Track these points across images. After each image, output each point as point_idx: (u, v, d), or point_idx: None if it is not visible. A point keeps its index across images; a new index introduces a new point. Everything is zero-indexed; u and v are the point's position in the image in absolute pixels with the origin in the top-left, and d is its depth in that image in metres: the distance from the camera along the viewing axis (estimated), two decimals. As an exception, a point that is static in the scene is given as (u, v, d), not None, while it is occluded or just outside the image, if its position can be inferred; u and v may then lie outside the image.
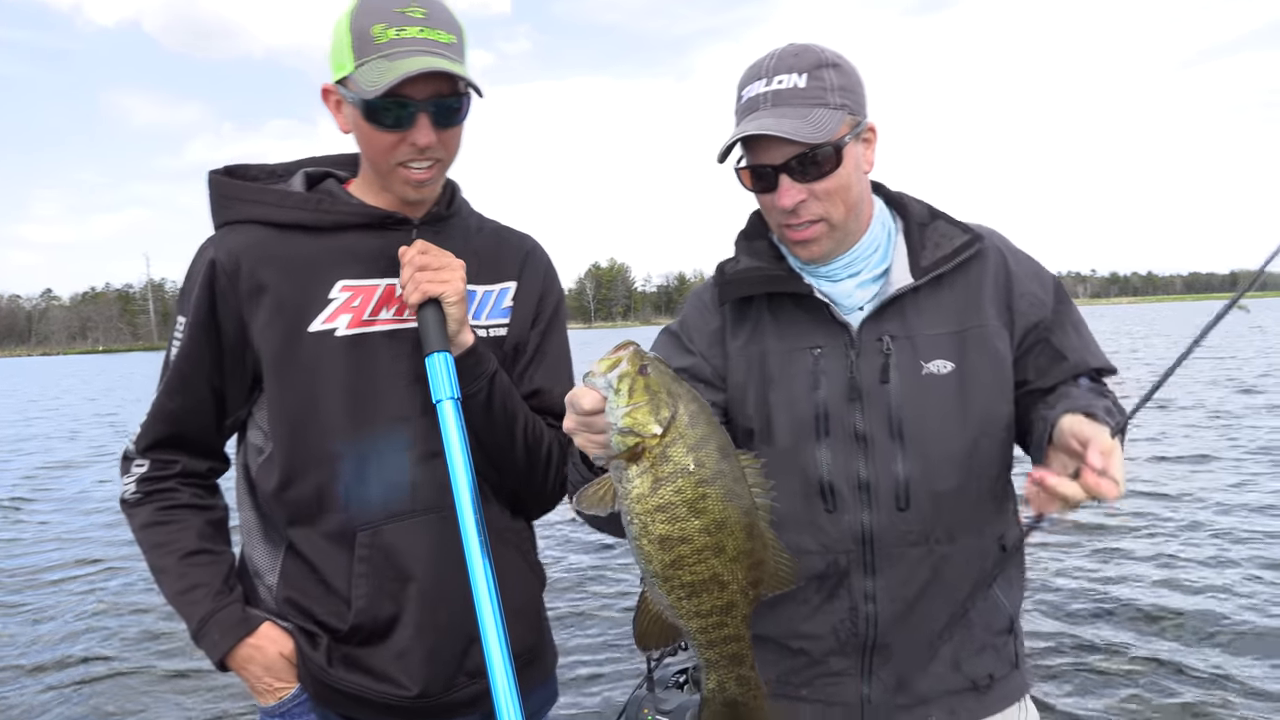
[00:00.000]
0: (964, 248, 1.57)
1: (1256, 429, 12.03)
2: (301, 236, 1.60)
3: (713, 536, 1.18)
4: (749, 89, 1.52)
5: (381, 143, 1.54)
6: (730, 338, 1.64)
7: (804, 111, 1.46)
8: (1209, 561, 6.33)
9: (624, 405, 1.14)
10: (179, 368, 1.62)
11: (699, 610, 1.22)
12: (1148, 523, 7.38)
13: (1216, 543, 6.77)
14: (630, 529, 1.19)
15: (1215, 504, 7.98)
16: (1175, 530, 7.17)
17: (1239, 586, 5.76)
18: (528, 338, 1.77)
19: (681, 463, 1.15)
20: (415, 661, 1.60)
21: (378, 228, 1.63)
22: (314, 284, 1.58)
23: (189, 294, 1.61)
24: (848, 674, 1.60)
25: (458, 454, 1.53)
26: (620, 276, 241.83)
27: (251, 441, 1.68)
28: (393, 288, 1.61)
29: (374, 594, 1.58)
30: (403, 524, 1.59)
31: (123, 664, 5.42)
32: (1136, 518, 7.53)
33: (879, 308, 1.56)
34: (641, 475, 1.16)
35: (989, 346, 1.55)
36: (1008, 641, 1.66)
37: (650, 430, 1.14)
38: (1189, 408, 14.20)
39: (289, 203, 1.61)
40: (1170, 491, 8.49)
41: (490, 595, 1.48)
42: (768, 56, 1.53)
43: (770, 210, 1.56)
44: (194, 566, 1.63)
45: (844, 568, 1.57)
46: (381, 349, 1.60)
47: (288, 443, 1.59)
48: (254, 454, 1.67)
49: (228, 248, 1.59)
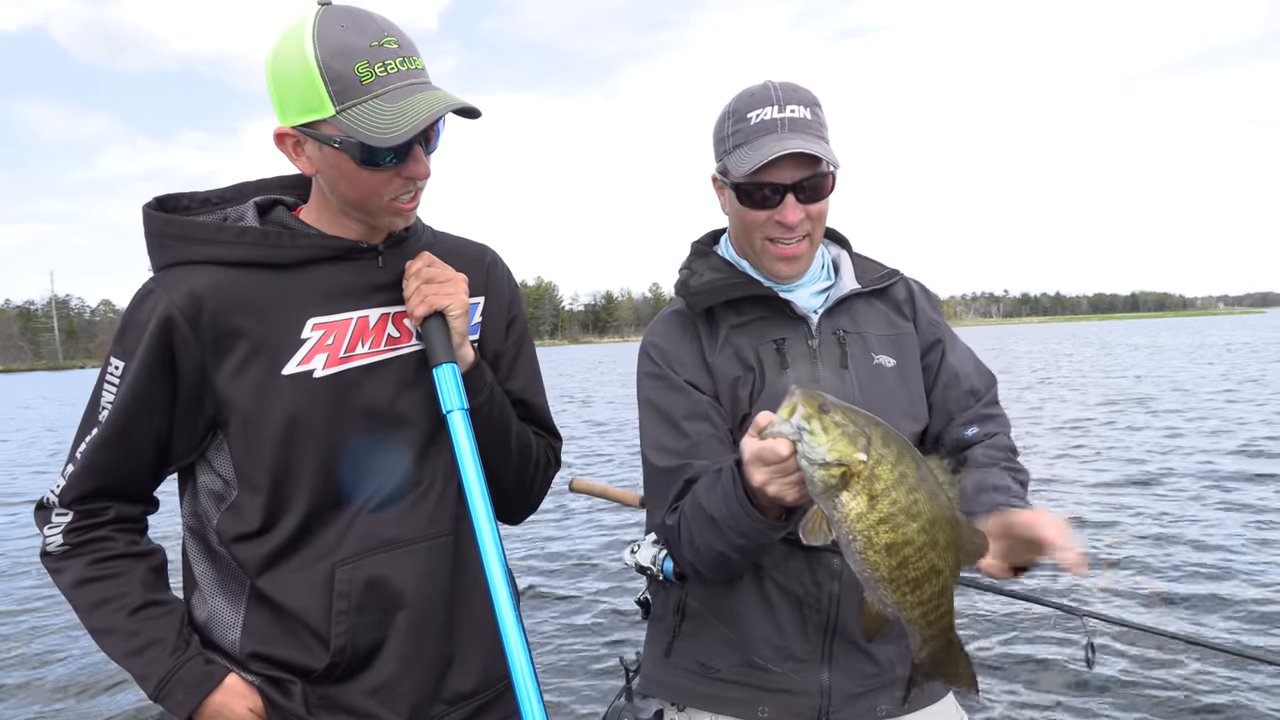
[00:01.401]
0: (890, 275, 1.85)
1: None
2: (263, 274, 1.52)
3: (928, 535, 1.29)
4: (759, 113, 1.66)
5: (374, 182, 1.48)
6: (708, 351, 1.75)
7: (816, 141, 1.64)
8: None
9: (824, 442, 1.25)
10: (117, 421, 1.49)
11: (921, 600, 1.33)
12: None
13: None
14: (853, 545, 1.30)
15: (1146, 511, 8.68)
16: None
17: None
18: (502, 349, 1.76)
19: (890, 478, 1.27)
20: (398, 693, 1.56)
21: (343, 259, 1.57)
22: (284, 325, 1.51)
23: (134, 341, 1.48)
24: (809, 660, 1.69)
25: (470, 464, 1.53)
26: (547, 295, 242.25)
27: (208, 488, 1.57)
28: (366, 319, 1.57)
29: (353, 629, 1.52)
30: (386, 555, 1.55)
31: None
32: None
33: (831, 306, 1.76)
34: (856, 498, 1.27)
35: (913, 351, 1.80)
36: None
37: (857, 458, 1.25)
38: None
39: (247, 239, 1.52)
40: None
41: (511, 609, 1.49)
42: (769, 86, 1.69)
43: (761, 225, 1.69)
44: (145, 622, 1.51)
45: (807, 548, 1.62)
46: (362, 385, 1.56)
47: (268, 488, 1.51)
48: (211, 501, 1.56)
49: (185, 292, 1.47)
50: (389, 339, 1.59)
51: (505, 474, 1.71)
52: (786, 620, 1.70)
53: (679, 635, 1.79)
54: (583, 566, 7.81)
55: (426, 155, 1.51)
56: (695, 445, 1.67)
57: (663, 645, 1.83)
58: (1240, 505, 8.63)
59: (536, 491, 1.82)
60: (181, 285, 1.49)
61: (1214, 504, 8.77)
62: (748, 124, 1.66)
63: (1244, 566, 6.62)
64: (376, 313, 1.59)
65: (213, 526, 1.56)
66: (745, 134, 1.66)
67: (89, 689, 5.46)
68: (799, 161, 1.62)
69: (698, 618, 1.76)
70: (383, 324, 1.59)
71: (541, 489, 1.83)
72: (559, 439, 1.89)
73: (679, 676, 1.79)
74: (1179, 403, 18.15)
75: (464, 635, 1.64)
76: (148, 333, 1.47)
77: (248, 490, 1.53)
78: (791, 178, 1.63)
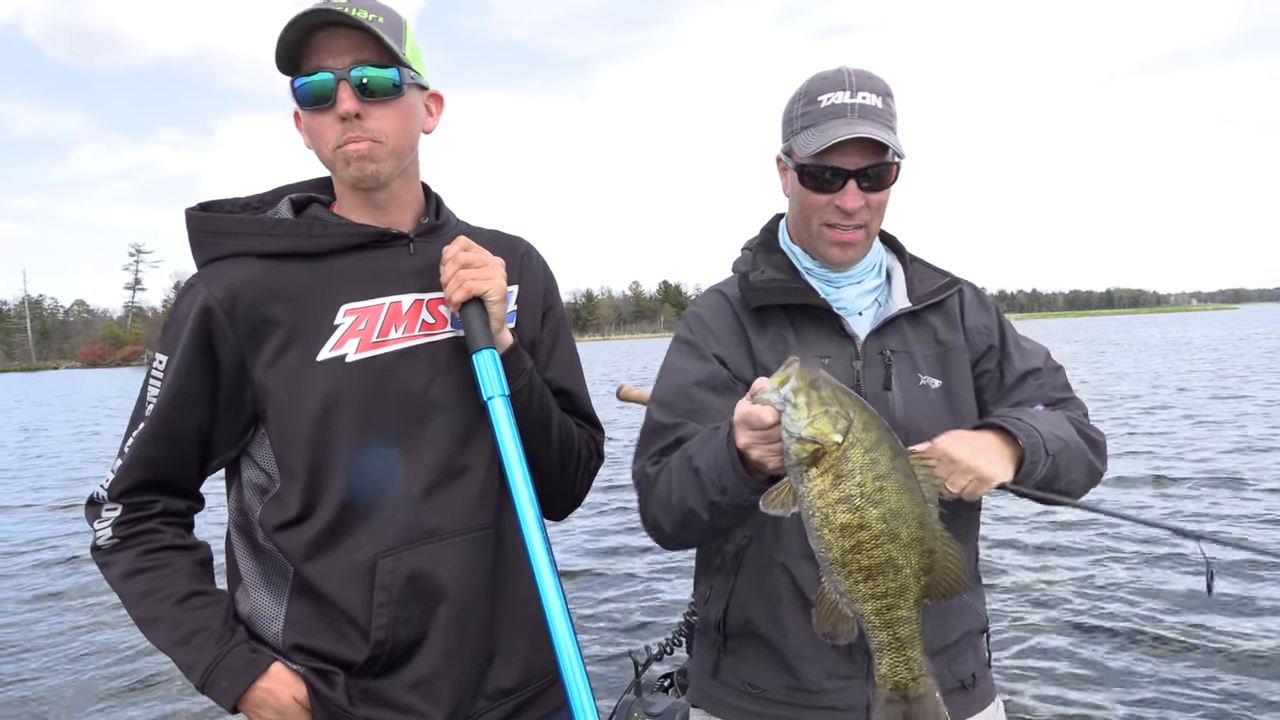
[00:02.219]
0: (949, 285, 1.81)
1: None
2: (297, 265, 1.56)
3: (888, 524, 1.29)
4: (830, 96, 1.64)
5: (319, 128, 1.53)
6: (754, 338, 1.74)
7: (886, 130, 1.63)
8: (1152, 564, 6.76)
9: (804, 417, 1.27)
10: (163, 413, 1.53)
11: (874, 592, 1.32)
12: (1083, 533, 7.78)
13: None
14: (811, 522, 1.31)
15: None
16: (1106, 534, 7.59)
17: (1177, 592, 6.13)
18: (539, 338, 1.76)
19: (860, 462, 1.28)
20: (440, 688, 1.55)
21: (372, 246, 1.59)
22: (318, 312, 1.54)
23: (176, 335, 1.53)
24: (854, 677, 1.67)
25: (512, 450, 1.52)
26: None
27: (252, 482, 1.60)
28: (398, 305, 1.59)
29: (394, 622, 1.52)
30: (427, 547, 1.54)
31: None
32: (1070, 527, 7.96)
33: (880, 325, 1.72)
34: (823, 475, 1.28)
35: (962, 366, 1.77)
36: (983, 643, 1.81)
37: (832, 438, 1.27)
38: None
39: (279, 230, 1.57)
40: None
41: (560, 602, 1.47)
42: (843, 71, 1.67)
43: (821, 210, 1.68)
44: (191, 611, 1.53)
45: None
46: (396, 369, 1.56)
47: (305, 476, 1.53)
48: (255, 494, 1.59)
49: (223, 284, 1.53)
50: (423, 324, 1.60)
51: (547, 464, 1.70)
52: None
53: (725, 653, 1.78)
54: (592, 559, 7.79)
55: (364, 98, 1.49)
56: (697, 411, 1.68)
57: (710, 661, 1.81)
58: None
59: (579, 484, 1.79)
60: (219, 279, 1.53)
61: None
62: (818, 106, 1.65)
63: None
64: (410, 298, 1.59)
65: (256, 519, 1.58)
66: (814, 116, 1.65)
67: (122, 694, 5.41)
68: (865, 148, 1.61)
69: (741, 636, 1.74)
70: (416, 309, 1.60)
71: (584, 482, 1.80)
72: (601, 431, 1.86)
73: (727, 694, 1.78)
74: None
75: (506, 630, 1.62)
76: (188, 326, 1.52)
77: (288, 479, 1.54)
78: (856, 164, 1.62)
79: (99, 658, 5.97)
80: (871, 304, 1.77)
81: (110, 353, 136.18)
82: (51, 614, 7.05)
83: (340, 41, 1.49)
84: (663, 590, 6.80)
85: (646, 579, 7.12)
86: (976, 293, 1.88)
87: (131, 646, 6.03)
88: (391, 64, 1.51)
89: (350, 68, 1.48)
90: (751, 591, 1.71)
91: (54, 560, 8.79)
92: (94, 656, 6.00)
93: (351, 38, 1.49)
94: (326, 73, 1.48)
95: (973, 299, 1.85)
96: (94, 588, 7.50)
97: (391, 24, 1.52)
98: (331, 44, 1.49)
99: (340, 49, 1.49)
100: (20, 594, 7.65)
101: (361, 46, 1.49)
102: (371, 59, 1.50)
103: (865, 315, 1.76)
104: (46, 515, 11.47)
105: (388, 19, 1.52)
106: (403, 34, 1.55)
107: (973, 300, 1.85)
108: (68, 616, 6.96)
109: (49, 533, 10.25)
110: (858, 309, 1.76)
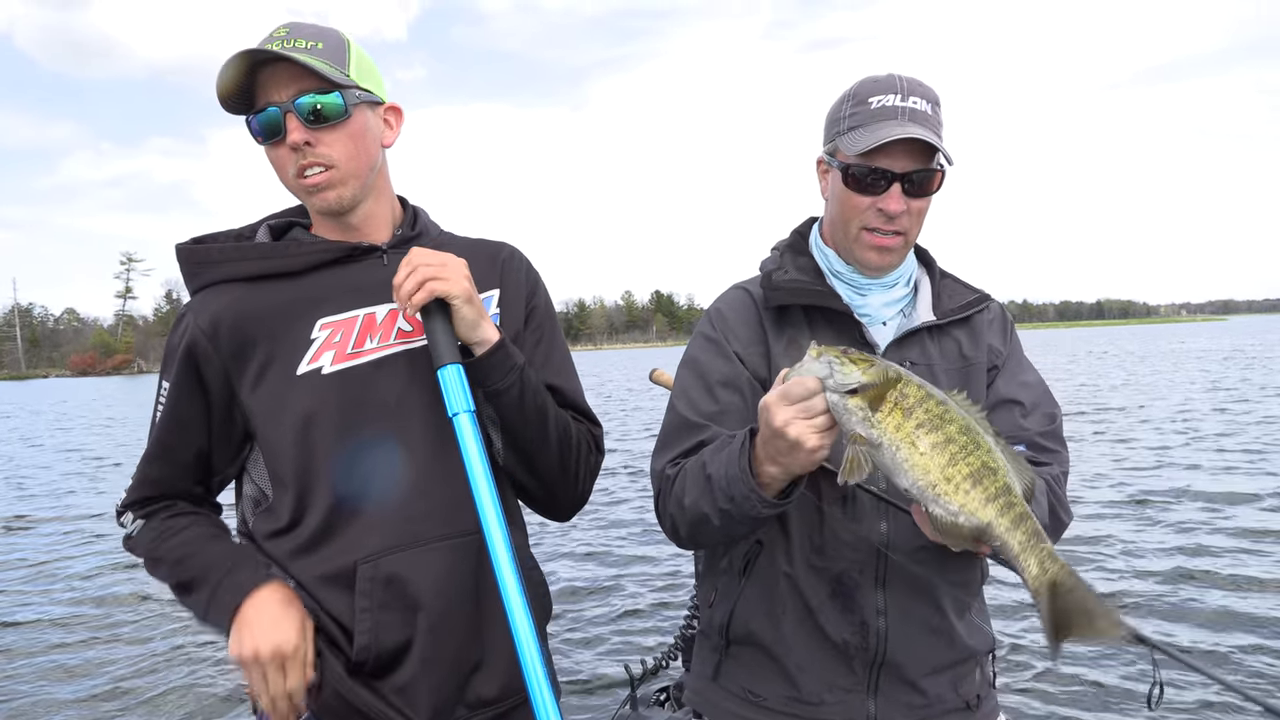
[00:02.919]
0: (978, 302, 1.80)
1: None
2: (275, 285, 1.62)
3: (969, 434, 1.34)
4: (881, 99, 1.63)
5: (277, 159, 1.60)
6: (773, 339, 1.73)
7: (935, 135, 1.61)
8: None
9: (855, 370, 1.34)
10: (161, 438, 1.64)
11: (988, 495, 1.33)
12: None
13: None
14: (899, 456, 1.34)
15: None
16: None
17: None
18: (523, 337, 1.76)
19: (919, 394, 1.34)
20: (418, 694, 1.56)
21: (346, 261, 1.64)
22: (294, 328, 1.59)
23: (171, 361, 1.63)
24: (855, 690, 1.66)
25: (478, 467, 1.51)
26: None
27: (248, 495, 1.68)
28: (372, 316, 1.62)
29: (376, 628, 1.53)
30: (407, 553, 1.56)
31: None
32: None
33: (902, 336, 1.71)
34: (891, 413, 1.34)
35: (981, 382, 1.75)
36: (988, 663, 1.81)
37: (890, 376, 1.34)
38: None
39: (255, 254, 1.64)
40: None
41: (526, 619, 1.47)
42: (894, 76, 1.66)
43: (862, 212, 1.66)
44: (211, 542, 1.60)
45: (855, 580, 1.65)
46: (372, 379, 1.59)
47: (291, 487, 1.58)
48: (250, 506, 1.67)
49: (207, 311, 1.61)
50: (399, 333, 1.62)
51: (548, 463, 1.69)
52: (833, 651, 1.67)
53: (726, 657, 1.78)
54: (588, 569, 7.74)
55: (309, 125, 1.55)
56: (722, 413, 1.67)
57: (711, 665, 1.81)
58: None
59: (582, 481, 1.77)
60: (206, 308, 1.62)
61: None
62: (867, 108, 1.63)
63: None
64: (384, 309, 1.63)
65: (251, 530, 1.65)
66: (863, 117, 1.64)
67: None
68: (912, 152, 1.60)
69: (743, 642, 1.74)
70: (391, 319, 1.63)
71: (587, 479, 1.78)
72: (599, 425, 1.85)
73: (726, 699, 1.77)
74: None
75: (492, 639, 1.62)
76: (178, 357, 1.61)
77: (279, 490, 1.60)
78: (903, 166, 1.61)
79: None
80: (896, 314, 1.76)
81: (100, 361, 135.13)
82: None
83: (283, 75, 1.55)
84: (660, 604, 6.75)
85: (643, 592, 7.07)
86: (1001, 314, 1.86)
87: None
88: (333, 88, 1.55)
89: (294, 98, 1.54)
90: (757, 600, 1.71)
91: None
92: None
93: (292, 69, 1.54)
94: (274, 107, 1.55)
95: (994, 319, 1.83)
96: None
97: (332, 48, 1.58)
98: (276, 78, 1.55)
99: (283, 82, 1.55)
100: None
101: (303, 76, 1.54)
102: (314, 86, 1.55)
103: (889, 325, 1.75)
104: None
105: (328, 44, 1.58)
106: (345, 55, 1.60)
107: (994, 320, 1.83)
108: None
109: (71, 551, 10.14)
110: (882, 318, 1.74)
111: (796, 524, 1.67)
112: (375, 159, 1.65)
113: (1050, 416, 1.75)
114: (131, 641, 6.43)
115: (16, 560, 9.24)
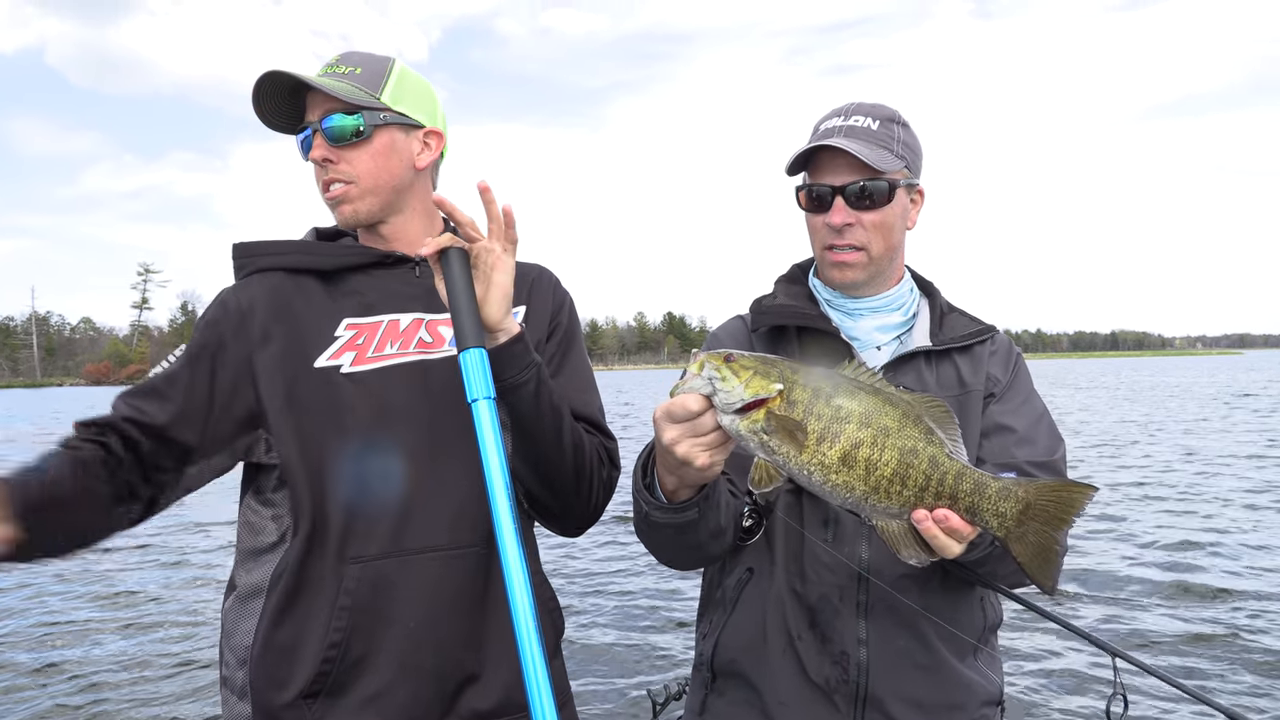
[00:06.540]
0: (982, 332, 1.76)
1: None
2: (312, 281, 1.68)
3: (871, 427, 1.24)
4: (827, 122, 1.69)
5: (315, 175, 1.70)
6: None
7: (870, 147, 1.62)
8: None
9: (738, 385, 1.24)
10: (154, 381, 1.59)
11: (920, 486, 1.25)
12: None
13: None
14: (813, 480, 1.25)
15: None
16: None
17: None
18: (544, 349, 1.77)
19: (806, 397, 1.25)
20: (392, 703, 1.55)
21: (380, 267, 1.70)
22: (321, 323, 1.64)
23: (197, 329, 1.66)
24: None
25: (494, 457, 1.47)
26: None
27: (254, 486, 1.68)
28: (396, 323, 1.66)
29: (351, 628, 1.54)
30: (396, 560, 1.56)
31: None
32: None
33: (897, 359, 1.69)
34: (786, 435, 1.24)
35: (977, 409, 1.70)
36: (996, 714, 1.71)
37: (773, 388, 1.24)
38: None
39: (294, 248, 1.72)
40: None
41: (533, 628, 1.42)
42: (849, 103, 1.71)
43: (818, 231, 1.69)
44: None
45: (835, 607, 1.60)
46: (384, 384, 1.61)
47: (296, 480, 1.57)
48: (254, 497, 1.68)
49: (247, 293, 1.67)
50: (419, 343, 1.65)
51: (561, 471, 1.64)
52: (814, 688, 1.62)
53: (711, 692, 1.75)
54: (609, 590, 7.63)
55: (333, 144, 1.64)
56: None
57: (699, 700, 1.79)
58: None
59: (596, 495, 1.73)
60: (246, 289, 1.69)
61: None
62: (815, 132, 1.70)
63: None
64: (409, 317, 1.67)
65: (252, 522, 1.65)
66: (809, 140, 1.69)
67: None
68: (852, 166, 1.61)
69: (727, 675, 1.71)
70: (414, 328, 1.66)
71: (600, 494, 1.74)
72: (613, 439, 1.81)
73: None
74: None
75: (493, 652, 1.60)
76: (205, 321, 1.65)
77: (283, 486, 1.61)
78: (842, 180, 1.63)
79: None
80: (892, 340, 1.74)
81: (115, 371, 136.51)
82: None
83: (318, 98, 1.65)
84: (686, 626, 6.56)
85: (670, 612, 6.93)
86: (1007, 346, 1.82)
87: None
88: (356, 110, 1.63)
89: (321, 119, 1.64)
90: (741, 628, 1.67)
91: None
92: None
93: (324, 93, 1.62)
94: (308, 127, 1.66)
95: (998, 350, 1.79)
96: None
97: (370, 73, 1.67)
98: (313, 101, 1.66)
99: (317, 104, 1.66)
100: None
101: (331, 99, 1.63)
102: (340, 108, 1.63)
103: (884, 350, 1.73)
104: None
105: (367, 69, 1.68)
106: (382, 81, 1.68)
107: (997, 351, 1.79)
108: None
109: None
110: (875, 343, 1.73)
111: (781, 548, 1.65)
112: (400, 177, 1.69)
113: (1049, 449, 1.67)
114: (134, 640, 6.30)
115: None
